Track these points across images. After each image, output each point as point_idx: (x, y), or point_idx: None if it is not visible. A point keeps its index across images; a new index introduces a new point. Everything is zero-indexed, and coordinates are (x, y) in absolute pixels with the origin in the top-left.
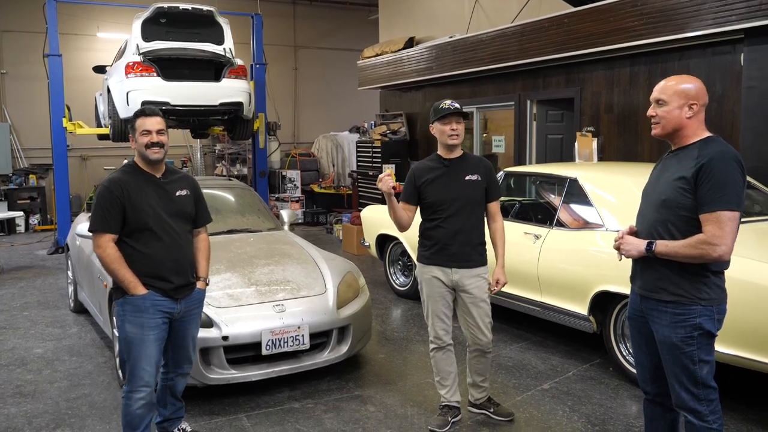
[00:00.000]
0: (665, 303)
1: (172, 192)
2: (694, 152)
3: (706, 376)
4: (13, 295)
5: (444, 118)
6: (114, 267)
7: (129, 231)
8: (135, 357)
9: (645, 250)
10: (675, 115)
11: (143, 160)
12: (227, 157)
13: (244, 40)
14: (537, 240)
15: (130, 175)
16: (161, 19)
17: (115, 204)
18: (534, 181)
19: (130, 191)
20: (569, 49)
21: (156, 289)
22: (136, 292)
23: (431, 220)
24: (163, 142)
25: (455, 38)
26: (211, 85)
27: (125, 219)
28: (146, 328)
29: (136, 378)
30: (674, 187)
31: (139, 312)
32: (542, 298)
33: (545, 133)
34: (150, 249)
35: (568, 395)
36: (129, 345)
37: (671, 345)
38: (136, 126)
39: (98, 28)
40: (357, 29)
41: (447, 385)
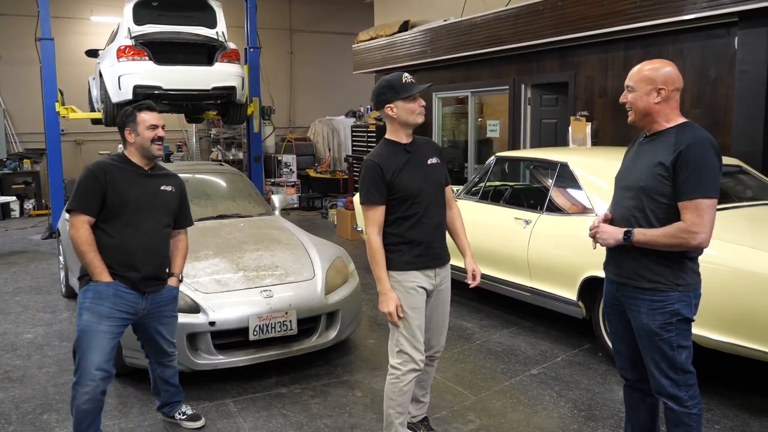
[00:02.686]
0: (643, 290)
1: (157, 185)
2: (670, 138)
3: (684, 361)
4: (5, 280)
5: (411, 95)
6: (84, 249)
7: (105, 216)
8: (85, 347)
9: (623, 239)
10: (644, 101)
11: (143, 154)
12: (222, 141)
13: (238, 24)
14: (527, 225)
15: (117, 163)
16: (153, 3)
17: (96, 187)
18: (525, 166)
19: (114, 178)
20: (563, 33)
21: (123, 279)
22: (100, 279)
23: (408, 217)
24: (164, 137)
25: (449, 21)
26: (204, 69)
27: (104, 204)
28: (103, 317)
29: (83, 371)
30: (652, 174)
31: (100, 300)
32: (532, 284)
33: (539, 117)
34: (123, 237)
35: (556, 380)
36: (82, 333)
37: (649, 332)
38: (138, 120)
39: (92, 12)
40: (353, 13)
41: (407, 411)
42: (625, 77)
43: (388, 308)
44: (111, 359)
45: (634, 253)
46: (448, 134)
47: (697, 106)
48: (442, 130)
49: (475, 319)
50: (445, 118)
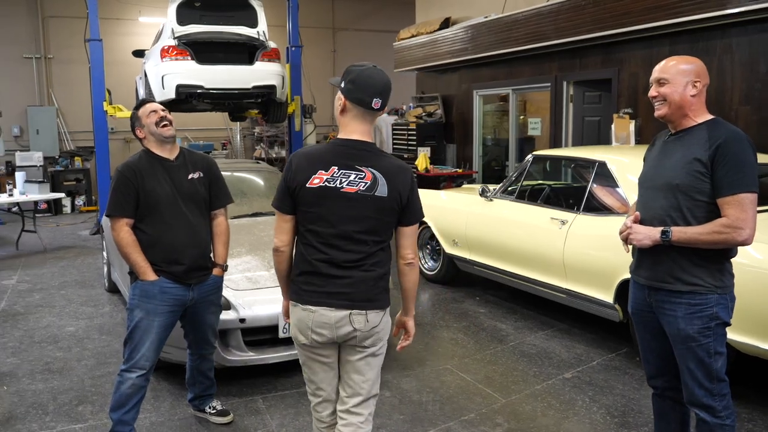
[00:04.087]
0: (680, 293)
1: (185, 175)
2: (702, 134)
3: (720, 369)
4: (53, 273)
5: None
6: (127, 251)
7: (141, 216)
8: (137, 341)
9: (660, 238)
10: (679, 93)
11: (157, 140)
12: (265, 139)
13: (281, 23)
14: (563, 225)
15: (143, 160)
16: (196, 3)
17: (129, 188)
18: (562, 165)
19: (144, 175)
20: (606, 28)
21: (167, 275)
22: (145, 278)
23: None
24: (171, 118)
25: (490, 18)
26: (244, 68)
27: (138, 203)
28: (152, 314)
29: (133, 360)
30: (688, 171)
31: (148, 297)
32: (568, 285)
33: (582, 115)
34: (160, 233)
35: (590, 385)
36: (134, 330)
37: (687, 337)
38: (139, 115)
39: (140, 13)
40: (395, 10)
41: None
42: None
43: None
44: (160, 351)
45: (671, 253)
46: (489, 132)
47: (746, 103)
48: (483, 128)
49: (510, 320)
50: (486, 116)
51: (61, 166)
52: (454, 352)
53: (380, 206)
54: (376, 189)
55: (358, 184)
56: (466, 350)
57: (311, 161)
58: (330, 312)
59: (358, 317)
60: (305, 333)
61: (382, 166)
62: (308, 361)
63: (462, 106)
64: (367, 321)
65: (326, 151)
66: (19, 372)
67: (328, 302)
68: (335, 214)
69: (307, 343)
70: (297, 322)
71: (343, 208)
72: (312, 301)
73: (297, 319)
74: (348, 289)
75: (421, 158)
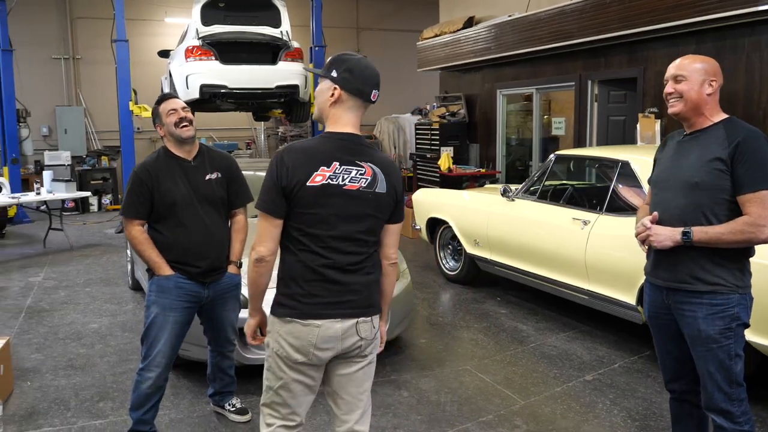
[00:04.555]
0: (700, 294)
1: (202, 176)
2: (719, 132)
3: (738, 373)
4: (78, 271)
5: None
6: (141, 248)
7: (156, 217)
8: (153, 338)
9: (681, 239)
10: (697, 91)
11: (175, 140)
12: (289, 139)
13: (305, 23)
14: (585, 226)
15: (161, 160)
16: (220, 3)
17: (143, 189)
18: (585, 165)
19: (159, 177)
20: (631, 26)
21: (183, 272)
22: (161, 273)
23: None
24: (191, 118)
25: (514, 17)
26: (268, 68)
27: (153, 204)
28: (167, 309)
29: (150, 358)
30: (709, 170)
31: (164, 293)
32: (590, 286)
33: (607, 114)
34: (176, 235)
35: (612, 388)
36: (151, 326)
37: (707, 339)
38: (159, 112)
39: (166, 13)
40: (419, 10)
41: None
42: None
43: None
44: (177, 348)
45: (690, 253)
46: (512, 132)
47: None
48: (507, 127)
49: (531, 321)
50: (509, 116)
51: (88, 165)
52: (474, 352)
53: (379, 203)
54: (376, 185)
55: (359, 180)
56: (485, 351)
57: (310, 157)
58: (336, 324)
59: (364, 325)
60: (305, 351)
61: (379, 160)
62: (292, 383)
63: (485, 106)
64: (373, 327)
65: (324, 145)
66: (42, 368)
67: (334, 313)
68: (336, 214)
69: (306, 362)
70: (294, 340)
71: (344, 207)
72: (315, 314)
73: (294, 337)
74: (353, 296)
75: (444, 158)
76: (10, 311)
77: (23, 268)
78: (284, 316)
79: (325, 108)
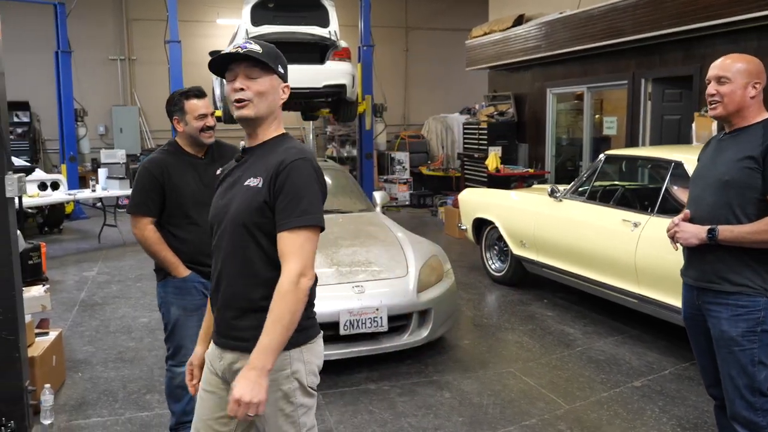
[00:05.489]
0: (726, 294)
1: (213, 173)
2: (757, 132)
3: (762, 381)
4: (131, 266)
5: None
6: (155, 249)
7: (167, 216)
8: (179, 337)
9: (706, 237)
10: (739, 94)
11: (194, 143)
12: (337, 138)
13: (354, 23)
14: (635, 228)
15: (172, 156)
16: (269, 4)
17: (154, 186)
18: (636, 165)
19: (171, 173)
20: (688, 22)
21: (197, 272)
22: (177, 274)
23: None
24: (215, 125)
25: (565, 14)
26: (315, 67)
27: (164, 201)
28: (189, 310)
29: (180, 355)
30: (740, 168)
31: (182, 294)
32: (639, 290)
33: (661, 113)
34: (187, 234)
35: (661, 395)
36: (174, 327)
37: (729, 340)
38: (186, 109)
39: (218, 15)
40: (468, 8)
41: None
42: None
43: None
44: None
45: (718, 252)
46: (562, 131)
47: None
48: (557, 127)
49: (579, 324)
50: (559, 115)
51: None
52: (519, 355)
53: None
54: None
55: None
56: (530, 354)
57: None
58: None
59: None
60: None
61: None
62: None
63: (535, 105)
64: None
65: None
66: (93, 360)
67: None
68: None
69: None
70: (318, 359)
71: None
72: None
73: (318, 356)
74: None
75: (492, 158)
76: (65, 304)
77: (78, 263)
78: (312, 337)
79: (276, 108)
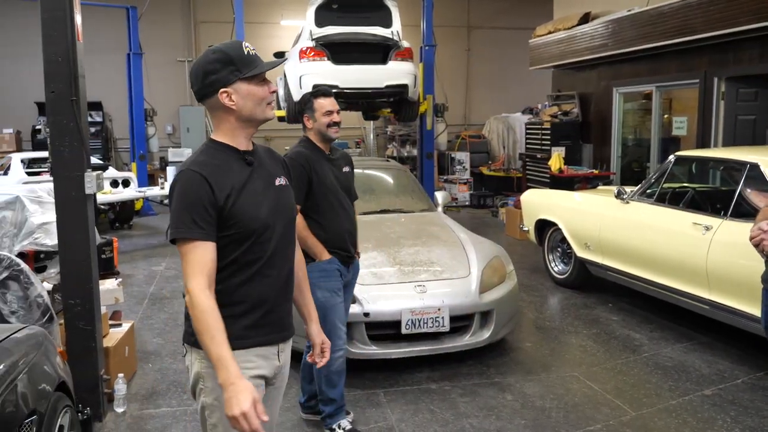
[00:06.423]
0: None
1: (340, 167)
2: None
3: None
4: None
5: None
6: (303, 234)
7: (312, 204)
8: (331, 320)
9: None
10: None
11: (322, 138)
12: (397, 138)
13: (416, 23)
14: (707, 231)
15: (310, 150)
16: (333, 5)
17: (302, 176)
18: (708, 167)
19: (314, 165)
20: (765, 19)
21: (336, 256)
22: (323, 258)
23: (247, 265)
24: (340, 120)
25: (634, 11)
26: (378, 67)
27: (309, 191)
28: (334, 291)
29: (334, 337)
30: None
31: (327, 276)
32: (711, 296)
33: (734, 113)
34: (328, 221)
35: (733, 404)
36: (324, 309)
37: None
38: (315, 106)
39: (282, 16)
40: (532, 7)
41: None
42: None
43: (241, 407)
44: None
45: None
46: (629, 132)
47: None
48: (623, 127)
49: (645, 329)
50: (626, 115)
51: None
52: (582, 359)
53: None
54: None
55: None
56: (595, 358)
57: None
58: None
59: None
60: None
61: None
62: None
63: (600, 105)
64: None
65: None
66: (162, 351)
67: None
68: None
69: None
70: None
71: None
72: None
73: None
74: None
75: (555, 158)
76: (135, 297)
77: (147, 258)
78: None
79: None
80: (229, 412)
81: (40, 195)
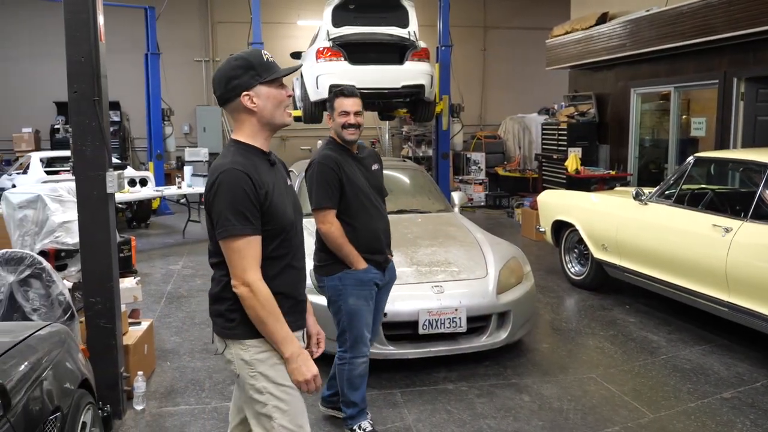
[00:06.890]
0: None
1: (369, 166)
2: None
3: None
4: None
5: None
6: (340, 242)
7: (344, 206)
8: (358, 327)
9: None
10: None
11: (339, 138)
12: (413, 138)
13: (431, 23)
14: (727, 233)
15: (336, 151)
16: (350, 5)
17: (334, 179)
18: (728, 168)
19: (344, 167)
20: None
21: (372, 263)
22: (359, 267)
23: (276, 259)
24: (359, 123)
25: (652, 11)
26: (395, 68)
27: (342, 194)
28: (367, 300)
29: (360, 344)
30: None
31: (361, 285)
32: (730, 298)
33: (754, 114)
34: (362, 223)
35: (753, 408)
36: (352, 316)
37: None
38: (335, 105)
39: (298, 16)
40: (549, 7)
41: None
42: None
43: (311, 371)
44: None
45: None
46: (646, 132)
47: None
48: (641, 128)
49: (663, 331)
50: (643, 115)
51: None
52: (600, 361)
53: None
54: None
55: None
56: (612, 360)
57: None
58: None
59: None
60: None
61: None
62: None
63: (618, 105)
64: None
65: None
66: (180, 350)
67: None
68: None
69: None
70: None
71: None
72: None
73: None
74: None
75: (572, 159)
76: (153, 296)
77: (164, 257)
78: None
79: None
80: (301, 377)
81: (61, 194)
